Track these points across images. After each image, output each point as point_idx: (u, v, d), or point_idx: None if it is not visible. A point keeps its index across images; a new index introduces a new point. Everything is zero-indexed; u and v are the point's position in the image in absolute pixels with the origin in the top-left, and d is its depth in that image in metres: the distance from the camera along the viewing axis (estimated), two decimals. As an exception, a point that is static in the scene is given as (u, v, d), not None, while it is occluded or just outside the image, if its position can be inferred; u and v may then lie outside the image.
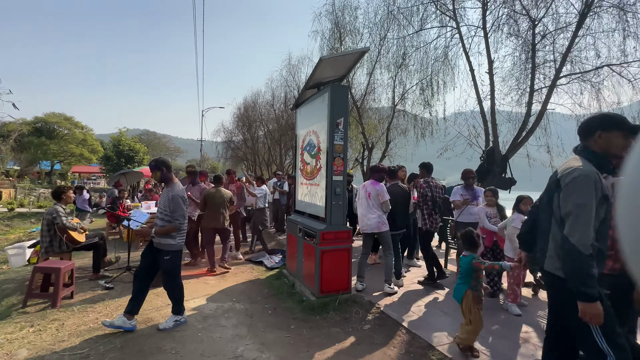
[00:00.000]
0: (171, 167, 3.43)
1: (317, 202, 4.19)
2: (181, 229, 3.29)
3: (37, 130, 32.46)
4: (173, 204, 3.21)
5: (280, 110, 21.81)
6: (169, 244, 3.26)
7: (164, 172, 3.34)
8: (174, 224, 3.22)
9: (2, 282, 4.39)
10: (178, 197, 3.24)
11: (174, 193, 3.24)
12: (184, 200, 3.30)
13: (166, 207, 3.24)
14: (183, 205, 3.28)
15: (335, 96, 3.88)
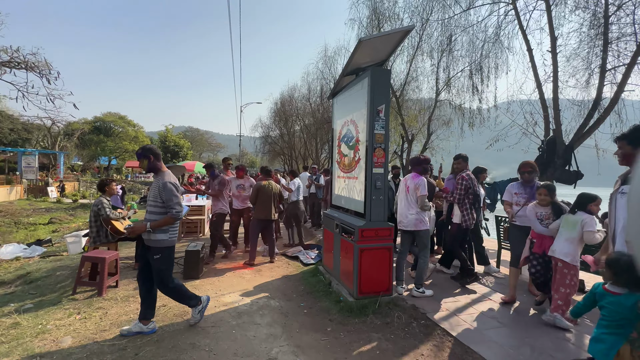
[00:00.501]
0: (160, 156, 3.11)
1: (356, 197, 3.91)
2: (179, 218, 2.93)
3: (96, 129, 35.54)
4: (166, 193, 2.86)
5: (316, 104, 21.64)
6: (159, 240, 2.89)
7: (152, 161, 3.01)
8: (171, 214, 2.87)
9: (58, 269, 4.69)
10: (170, 184, 2.89)
11: (164, 180, 2.90)
12: (176, 188, 2.94)
13: (157, 197, 2.90)
14: (177, 192, 2.92)
15: (375, 81, 3.55)
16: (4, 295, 3.95)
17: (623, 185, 2.21)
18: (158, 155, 3.07)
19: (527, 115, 7.38)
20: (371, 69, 3.59)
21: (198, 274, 4.48)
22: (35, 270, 4.70)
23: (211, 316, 3.35)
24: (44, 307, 3.47)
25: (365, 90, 3.68)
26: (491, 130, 8.43)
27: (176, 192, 2.92)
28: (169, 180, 2.91)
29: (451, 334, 2.96)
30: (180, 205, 2.94)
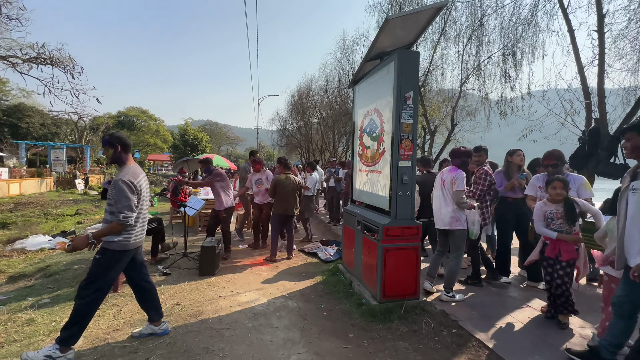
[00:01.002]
0: (129, 147, 2.65)
1: (380, 192, 3.61)
2: (126, 225, 2.40)
3: (120, 123, 36.64)
4: (115, 192, 2.37)
5: (334, 96, 21.24)
6: (106, 241, 2.43)
7: (118, 151, 2.55)
8: (117, 219, 2.35)
9: (77, 262, 4.69)
10: (122, 182, 2.38)
11: (117, 177, 2.42)
12: (131, 188, 2.41)
13: (111, 195, 2.45)
14: (131, 193, 2.40)
15: (403, 64, 3.22)
16: (23, 288, 3.96)
17: (633, 181, 2.08)
18: (127, 146, 2.62)
19: (566, 103, 6.76)
20: (398, 51, 3.26)
21: (214, 270, 4.35)
22: (54, 264, 4.72)
23: (226, 317, 3.19)
24: (60, 302, 3.42)
25: (391, 76, 3.36)
26: (525, 119, 7.83)
27: (129, 193, 2.39)
28: (123, 178, 2.40)
29: (488, 346, 2.65)
30: (132, 210, 2.41)
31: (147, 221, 2.75)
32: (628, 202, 2.08)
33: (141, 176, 2.61)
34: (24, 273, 4.52)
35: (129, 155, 2.67)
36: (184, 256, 4.89)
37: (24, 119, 28.18)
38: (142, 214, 2.62)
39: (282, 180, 5.17)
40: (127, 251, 2.51)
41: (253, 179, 5.94)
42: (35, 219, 11.83)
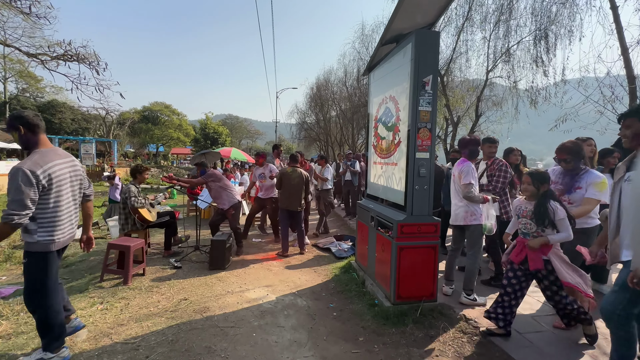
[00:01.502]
0: (38, 127, 2.17)
1: (395, 186, 3.37)
2: (15, 226, 1.97)
3: (145, 118, 37.77)
4: (9, 182, 1.97)
5: (353, 88, 20.80)
6: (26, 242, 2.13)
7: (22, 134, 2.13)
8: (3, 216, 1.96)
9: (93, 253, 4.76)
10: (16, 171, 1.98)
11: (17, 165, 2.01)
12: (27, 179, 1.97)
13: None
14: (25, 186, 1.96)
15: (421, 45, 2.93)
16: (40, 278, 4.05)
17: (628, 171, 1.95)
18: (34, 126, 2.15)
19: (606, 90, 6.15)
20: (415, 32, 2.97)
21: (224, 264, 4.28)
22: (72, 255, 4.81)
23: (232, 314, 3.09)
24: (72, 293, 3.45)
25: (408, 59, 3.08)
26: (559, 108, 7.24)
27: (23, 185, 1.95)
28: (22, 166, 1.99)
29: (514, 358, 2.38)
30: (24, 206, 1.96)
31: (73, 216, 2.33)
32: (622, 193, 1.95)
33: (52, 163, 2.13)
34: (43, 263, 4.64)
35: (40, 137, 2.20)
36: (196, 249, 4.86)
37: (57, 114, 29.63)
38: (61, 209, 2.19)
39: (288, 173, 5.00)
40: (52, 252, 2.18)
41: (256, 173, 5.82)
42: (65, 210, 12.39)
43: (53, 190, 2.13)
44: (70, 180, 2.28)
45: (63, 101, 31.23)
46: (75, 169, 2.35)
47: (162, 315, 2.97)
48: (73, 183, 2.31)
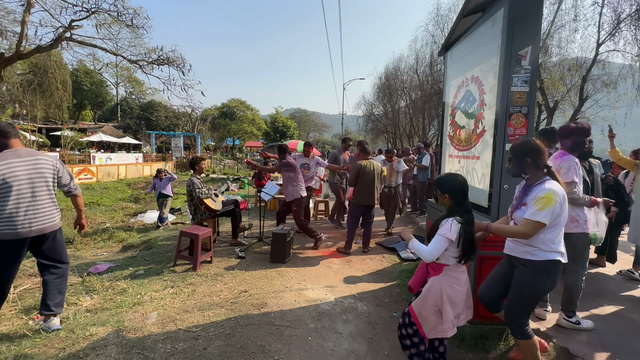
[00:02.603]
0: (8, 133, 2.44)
1: (476, 184, 2.84)
2: None
3: (223, 114, 41.25)
4: None
5: (425, 75, 19.35)
6: None
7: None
8: None
9: (172, 238, 5.22)
10: None
11: None
12: None
13: None
14: None
15: (518, 9, 2.35)
16: (129, 258, 4.57)
17: None
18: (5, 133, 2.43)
19: None
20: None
21: (284, 258, 4.25)
22: (154, 238, 5.35)
23: (289, 312, 2.98)
24: (150, 275, 3.77)
25: (497, 30, 2.52)
26: None
27: None
28: None
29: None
30: None
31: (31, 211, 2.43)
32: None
33: (5, 162, 2.34)
34: (132, 244, 5.27)
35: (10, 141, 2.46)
36: (259, 240, 4.96)
37: (154, 113, 34.24)
38: (10, 203, 2.34)
39: (365, 167, 4.68)
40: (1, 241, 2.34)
41: (300, 162, 5.64)
42: (158, 196, 14.20)
43: (3, 185, 2.32)
44: (28, 178, 2.43)
45: (159, 101, 35.93)
46: (37, 167, 2.48)
47: (223, 306, 3.02)
48: (33, 180, 2.45)
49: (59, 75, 21.15)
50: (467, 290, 1.99)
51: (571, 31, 10.46)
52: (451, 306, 1.90)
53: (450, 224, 1.85)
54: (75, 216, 2.95)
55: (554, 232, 1.89)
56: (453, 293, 1.90)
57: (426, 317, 1.93)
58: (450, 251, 1.89)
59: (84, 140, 23.39)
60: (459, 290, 1.92)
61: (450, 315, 1.90)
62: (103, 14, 14.49)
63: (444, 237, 1.84)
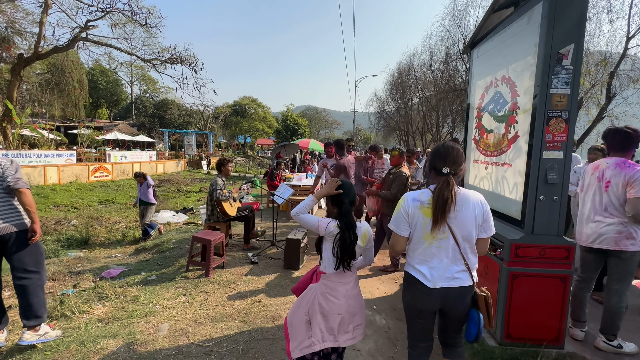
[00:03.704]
0: None
1: (507, 194, 2.63)
2: None
3: (235, 112, 41.45)
4: None
5: (439, 71, 18.89)
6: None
7: None
8: None
9: (184, 241, 5.17)
10: None
11: None
12: None
13: None
14: None
15: (558, 5, 2.13)
16: (141, 262, 4.52)
17: None
18: None
19: None
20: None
21: (298, 264, 4.12)
22: (167, 241, 5.30)
23: (304, 325, 2.85)
24: (162, 281, 3.70)
25: (535, 26, 2.30)
26: None
27: None
28: None
29: None
30: None
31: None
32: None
33: None
34: (145, 247, 5.24)
35: None
36: (272, 244, 4.85)
37: (167, 111, 34.66)
38: None
39: (409, 177, 4.14)
40: None
41: (329, 164, 5.29)
42: (171, 194, 14.31)
43: None
44: None
45: (172, 99, 36.36)
46: None
47: (236, 317, 2.91)
48: None
49: (76, 75, 21.58)
50: (351, 308, 1.83)
51: (597, 24, 9.95)
52: (322, 317, 1.80)
53: (328, 222, 1.81)
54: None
55: None
56: (326, 304, 1.79)
57: (296, 327, 1.83)
58: (328, 258, 1.81)
59: (100, 138, 23.84)
60: (333, 302, 1.79)
61: (321, 327, 1.79)
62: (118, 13, 14.67)
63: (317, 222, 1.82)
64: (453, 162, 1.60)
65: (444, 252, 1.60)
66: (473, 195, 1.63)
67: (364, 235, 1.86)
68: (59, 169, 13.62)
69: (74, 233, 6.58)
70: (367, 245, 1.92)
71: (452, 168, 1.59)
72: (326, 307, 1.79)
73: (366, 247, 1.91)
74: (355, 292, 1.88)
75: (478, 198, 1.63)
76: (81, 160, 16.47)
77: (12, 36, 14.77)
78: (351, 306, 1.84)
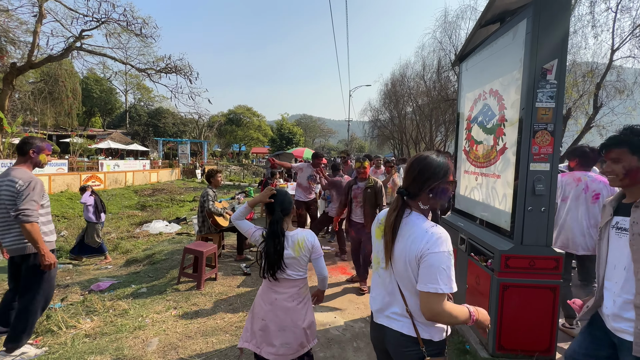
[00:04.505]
0: None
1: (497, 204, 2.67)
2: None
3: (229, 120, 41.51)
4: None
5: (432, 81, 19.20)
6: None
7: None
8: None
9: (176, 252, 5.10)
10: None
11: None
12: None
13: None
14: None
15: (542, 20, 2.20)
16: (131, 274, 4.45)
17: (617, 215, 1.45)
18: None
19: None
20: (534, 2, 2.24)
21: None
22: (158, 252, 5.23)
23: (297, 338, 2.82)
24: (153, 294, 3.64)
25: (520, 41, 2.37)
26: None
27: None
28: None
29: None
30: None
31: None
32: (609, 244, 1.47)
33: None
34: (136, 258, 5.16)
35: None
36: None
37: (162, 119, 34.58)
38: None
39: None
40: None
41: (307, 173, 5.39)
42: (165, 203, 14.17)
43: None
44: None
45: (167, 108, 36.31)
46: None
47: (227, 331, 2.87)
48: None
49: (70, 84, 21.47)
50: (278, 320, 1.77)
51: (583, 37, 10.26)
52: (252, 317, 1.85)
53: (255, 231, 1.87)
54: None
55: None
56: (257, 305, 1.86)
57: (248, 318, 1.92)
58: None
59: (93, 147, 23.63)
60: (260, 305, 1.84)
61: (248, 325, 1.86)
62: (113, 23, 14.72)
63: (249, 229, 1.88)
64: (412, 179, 1.26)
65: (382, 284, 1.34)
66: (420, 227, 1.20)
67: (298, 244, 1.77)
68: (50, 178, 13.44)
69: (64, 244, 6.45)
70: (312, 257, 1.85)
71: (408, 185, 1.27)
72: (256, 308, 1.86)
73: (311, 257, 1.85)
74: (288, 305, 1.78)
75: (421, 233, 1.18)
76: (73, 170, 16.29)
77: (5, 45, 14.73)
78: (279, 318, 1.77)
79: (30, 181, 2.42)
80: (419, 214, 1.28)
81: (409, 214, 1.27)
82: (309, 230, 1.91)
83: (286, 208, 1.83)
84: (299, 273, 1.84)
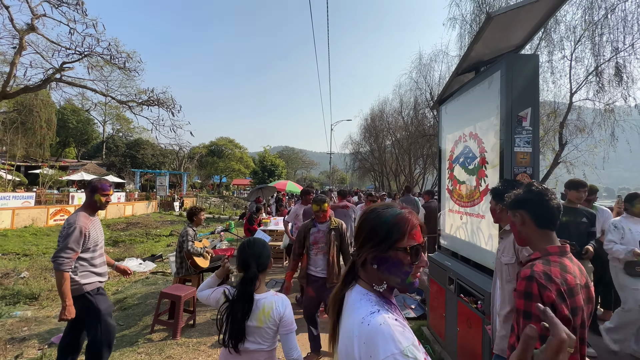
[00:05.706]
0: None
1: (483, 245, 2.69)
2: None
3: (211, 152, 41.24)
4: None
5: (409, 117, 20.17)
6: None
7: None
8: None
9: (150, 296, 4.76)
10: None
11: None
12: None
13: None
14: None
15: (515, 73, 2.38)
16: (99, 322, 4.07)
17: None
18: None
19: None
20: (506, 56, 2.44)
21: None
22: (130, 296, 4.86)
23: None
24: (122, 345, 3.31)
25: (495, 90, 2.54)
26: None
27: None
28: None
29: None
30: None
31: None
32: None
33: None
34: (105, 303, 4.75)
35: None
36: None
37: (140, 151, 33.89)
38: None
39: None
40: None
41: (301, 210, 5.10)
42: (139, 238, 13.45)
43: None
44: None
45: (146, 139, 35.77)
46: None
47: (206, 388, 2.61)
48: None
49: (45, 114, 20.90)
50: None
51: (544, 80, 11.23)
52: None
53: (214, 290, 1.64)
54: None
55: None
56: None
57: None
58: None
59: (65, 179, 22.60)
60: None
61: None
62: (96, 57, 14.75)
63: (207, 293, 1.66)
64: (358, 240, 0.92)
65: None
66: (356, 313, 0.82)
67: (263, 312, 1.48)
68: (13, 212, 12.58)
69: (23, 288, 5.89)
70: (281, 331, 1.51)
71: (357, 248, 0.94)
72: None
73: (279, 332, 1.52)
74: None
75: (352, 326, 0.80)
76: (41, 203, 15.37)
77: (-23, 75, 14.33)
78: None
79: (70, 227, 2.37)
80: (362, 288, 0.88)
81: (353, 286, 0.91)
82: (283, 295, 1.62)
83: (263, 263, 1.60)
84: (261, 346, 1.50)
